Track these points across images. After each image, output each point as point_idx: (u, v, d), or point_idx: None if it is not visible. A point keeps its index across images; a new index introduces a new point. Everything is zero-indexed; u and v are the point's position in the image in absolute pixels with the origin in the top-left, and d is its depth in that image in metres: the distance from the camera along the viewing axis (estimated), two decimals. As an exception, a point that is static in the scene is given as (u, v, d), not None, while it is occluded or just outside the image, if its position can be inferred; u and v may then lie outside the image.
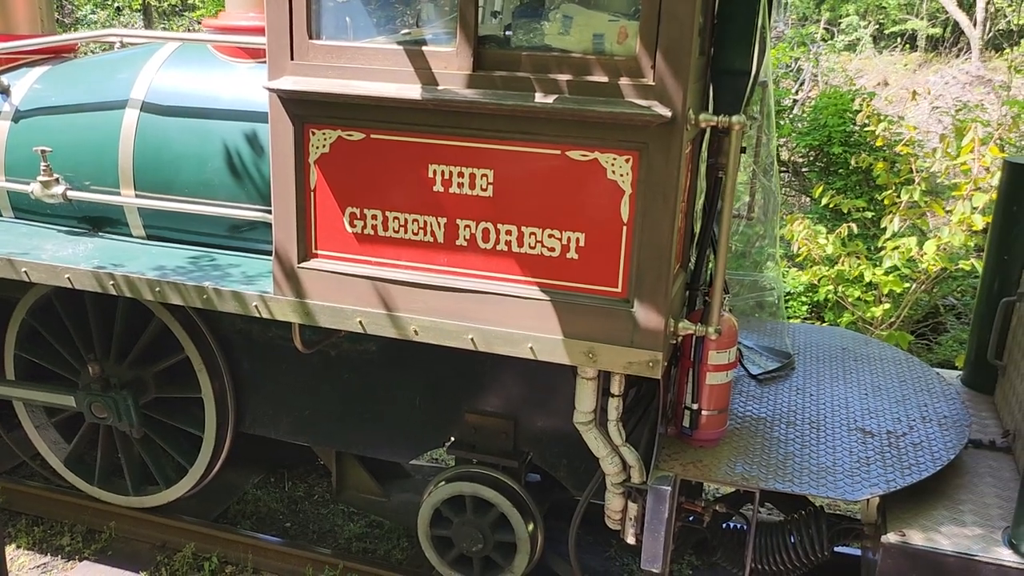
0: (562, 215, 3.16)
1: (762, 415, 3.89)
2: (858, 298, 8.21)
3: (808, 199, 11.75)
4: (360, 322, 3.47)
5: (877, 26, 25.22)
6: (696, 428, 3.59)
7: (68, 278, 3.91)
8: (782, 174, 12.98)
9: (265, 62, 3.34)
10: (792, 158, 12.93)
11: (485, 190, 3.21)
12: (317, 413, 4.42)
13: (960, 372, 4.57)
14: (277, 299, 3.54)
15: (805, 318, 9.60)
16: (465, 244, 3.29)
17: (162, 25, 16.44)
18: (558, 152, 3.10)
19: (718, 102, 3.36)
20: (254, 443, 4.86)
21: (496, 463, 4.11)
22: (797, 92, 16.70)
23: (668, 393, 3.64)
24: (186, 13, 16.77)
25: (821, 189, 8.82)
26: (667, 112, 2.92)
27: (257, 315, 3.60)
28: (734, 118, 3.12)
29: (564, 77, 3.03)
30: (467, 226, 3.27)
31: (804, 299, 9.62)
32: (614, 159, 3.06)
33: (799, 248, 8.14)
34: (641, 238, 3.09)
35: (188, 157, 3.98)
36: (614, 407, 3.44)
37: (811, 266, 8.27)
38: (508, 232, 3.24)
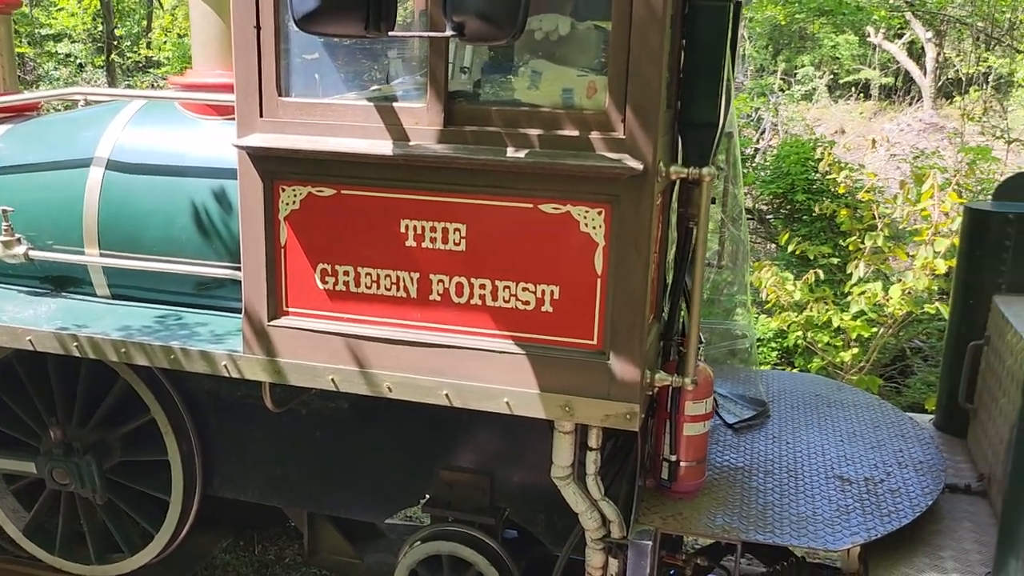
0: (536, 268, 3.15)
1: (740, 465, 3.86)
2: (827, 343, 8.29)
3: (774, 246, 11.92)
4: (333, 380, 3.41)
5: (832, 76, 25.94)
6: (675, 480, 3.56)
7: (30, 340, 3.81)
8: (747, 222, 13.14)
9: (233, 119, 3.33)
10: (757, 206, 13.14)
11: (458, 244, 3.20)
12: (288, 473, 4.32)
13: (932, 416, 4.60)
14: (247, 358, 3.47)
15: (775, 364, 9.65)
16: (439, 299, 3.26)
17: (126, 82, 16.42)
18: (530, 205, 3.10)
19: (687, 153, 3.39)
20: (223, 505, 4.73)
21: (472, 520, 4.03)
22: (758, 141, 17.08)
23: (646, 445, 3.61)
24: (151, 70, 16.77)
25: (787, 236, 8.95)
26: (638, 165, 2.94)
27: (226, 375, 3.53)
28: (704, 170, 3.15)
29: (535, 131, 3.04)
30: (440, 281, 3.25)
31: (774, 345, 9.69)
32: (586, 212, 3.06)
33: (768, 295, 8.23)
34: (615, 290, 3.09)
35: (155, 215, 3.93)
36: (592, 461, 3.40)
37: (780, 312, 8.34)
38: (482, 286, 3.22)
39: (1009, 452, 3.25)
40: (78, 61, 17.56)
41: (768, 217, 12.38)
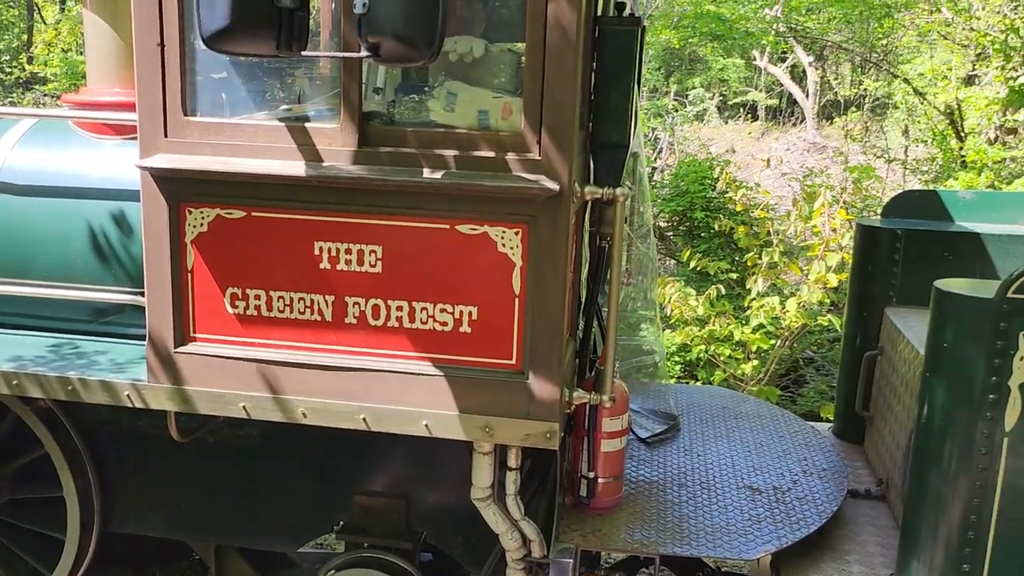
0: (454, 289, 3.14)
1: (654, 479, 3.93)
2: (729, 356, 8.56)
3: (674, 262, 12.26)
4: (244, 407, 3.31)
5: (721, 97, 26.97)
6: (593, 496, 3.60)
7: (-92, 374, 3.56)
8: (653, 239, 13.49)
9: (133, 138, 3.21)
10: (657, 223, 13.50)
11: (374, 266, 3.16)
12: (194, 505, 4.15)
13: (830, 424, 4.79)
14: (152, 387, 3.33)
15: (679, 378, 9.89)
16: (354, 322, 3.21)
17: (8, 99, 15.59)
18: (447, 226, 3.09)
19: (598, 174, 3.46)
20: (123, 541, 4.51)
21: (389, 545, 3.95)
22: (656, 160, 17.59)
23: (563, 462, 3.64)
24: (35, 87, 15.97)
25: (689, 253, 9.20)
26: (555, 186, 2.97)
27: (130, 405, 3.38)
28: (618, 190, 3.22)
29: (451, 152, 3.04)
30: (356, 303, 3.20)
31: (677, 359, 9.93)
32: (504, 232, 3.08)
33: (672, 310, 8.43)
34: (534, 310, 3.10)
35: (48, 239, 3.74)
36: (512, 481, 3.40)
37: (683, 327, 8.57)
38: (399, 308, 3.18)
39: (907, 459, 3.41)
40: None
41: (669, 234, 12.73)
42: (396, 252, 3.14)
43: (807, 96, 22.78)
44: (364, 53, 2.72)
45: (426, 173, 3.04)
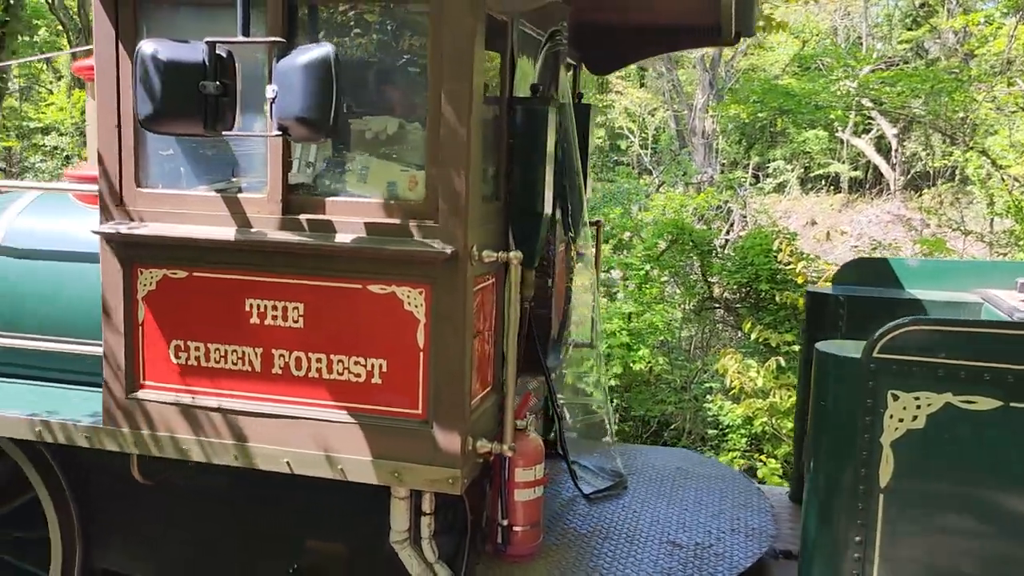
0: (366, 343, 3.44)
1: (583, 531, 4.06)
2: (791, 429, 8.36)
3: (741, 334, 12.10)
4: (185, 449, 3.65)
5: (803, 169, 26.68)
6: (509, 543, 3.76)
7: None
8: (715, 310, 13.40)
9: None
10: (724, 295, 13.37)
11: (296, 322, 3.50)
12: (165, 548, 4.44)
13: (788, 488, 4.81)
14: (105, 430, 3.71)
15: (745, 451, 9.61)
16: (280, 372, 3.54)
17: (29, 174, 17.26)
18: (360, 286, 3.42)
19: (516, 240, 3.73)
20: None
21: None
22: (728, 232, 17.52)
23: (483, 511, 3.83)
24: (47, 161, 17.59)
25: (750, 324, 9.13)
26: (450, 249, 3.26)
27: (87, 446, 3.76)
28: (511, 254, 3.49)
29: (363, 219, 3.38)
30: (281, 355, 3.53)
31: (743, 432, 9.65)
32: (409, 292, 3.38)
33: (731, 381, 8.33)
34: (437, 363, 3.37)
35: (42, 297, 4.21)
36: (426, 525, 3.61)
37: (746, 399, 8.44)
38: (319, 360, 3.50)
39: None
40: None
41: (736, 306, 12.57)
42: (316, 309, 3.47)
43: (892, 168, 22.37)
44: (276, 132, 3.11)
45: (340, 238, 3.38)
